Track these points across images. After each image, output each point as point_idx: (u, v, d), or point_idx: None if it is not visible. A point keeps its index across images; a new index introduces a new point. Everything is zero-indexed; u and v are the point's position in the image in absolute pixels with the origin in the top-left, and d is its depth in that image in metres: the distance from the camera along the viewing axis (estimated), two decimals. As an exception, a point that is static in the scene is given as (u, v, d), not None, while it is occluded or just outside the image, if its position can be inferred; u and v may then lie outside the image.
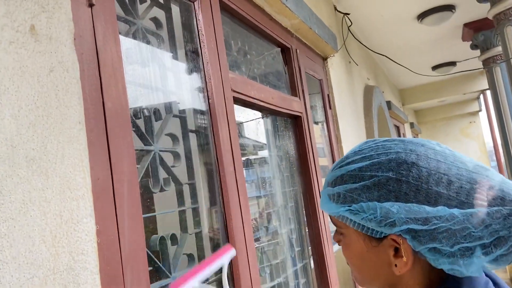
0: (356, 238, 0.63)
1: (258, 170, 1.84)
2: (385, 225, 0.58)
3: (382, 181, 0.58)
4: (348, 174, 0.61)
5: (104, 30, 0.87)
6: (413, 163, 0.58)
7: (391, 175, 0.58)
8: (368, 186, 0.59)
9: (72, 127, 0.72)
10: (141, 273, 0.83)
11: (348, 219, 0.62)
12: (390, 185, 0.58)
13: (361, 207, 0.60)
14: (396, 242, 0.59)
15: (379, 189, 0.58)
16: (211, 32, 1.35)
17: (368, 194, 0.59)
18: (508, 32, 3.10)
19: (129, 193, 0.83)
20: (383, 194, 0.58)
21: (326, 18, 2.79)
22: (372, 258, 0.63)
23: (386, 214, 0.57)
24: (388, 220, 0.57)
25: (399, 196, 0.57)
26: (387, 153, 0.60)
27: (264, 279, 1.64)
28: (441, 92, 6.95)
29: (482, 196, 0.56)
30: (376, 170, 0.59)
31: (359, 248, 0.64)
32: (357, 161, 0.62)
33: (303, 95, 2.13)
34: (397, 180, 0.58)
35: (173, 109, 1.20)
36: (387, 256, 0.60)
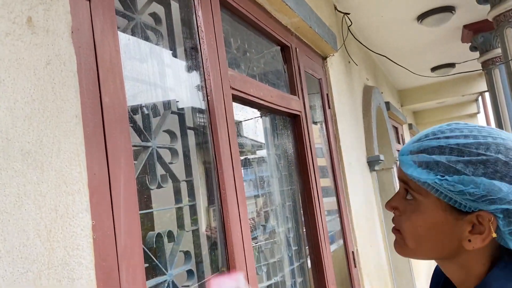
0: (435, 208, 0.65)
1: (256, 169, 1.83)
2: (483, 201, 0.61)
3: (490, 160, 0.61)
4: (449, 147, 0.64)
5: (102, 24, 0.86)
6: None
7: (500, 157, 0.61)
8: (474, 162, 0.62)
9: (68, 121, 0.71)
10: (137, 269, 0.82)
11: (435, 188, 0.64)
12: (498, 166, 0.61)
13: (462, 179, 0.61)
14: (478, 220, 0.62)
15: (486, 167, 0.61)
16: (211, 29, 1.34)
17: (473, 169, 0.61)
18: (508, 34, 3.10)
19: (125, 188, 0.83)
20: (488, 172, 0.61)
21: (326, 18, 2.78)
22: (444, 230, 0.65)
23: (490, 191, 0.60)
24: (490, 197, 0.60)
25: (504, 177, 0.61)
26: (493, 136, 0.64)
27: (261, 278, 1.64)
28: (440, 94, 6.96)
29: None
30: (484, 149, 0.62)
31: (435, 218, 0.65)
32: (458, 137, 0.64)
33: (302, 94, 2.13)
34: (505, 162, 0.61)
35: (172, 106, 1.19)
36: (462, 231, 0.63)
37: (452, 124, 0.68)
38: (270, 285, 1.65)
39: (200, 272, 1.17)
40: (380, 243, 3.20)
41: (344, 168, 2.61)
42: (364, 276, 2.52)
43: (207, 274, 1.18)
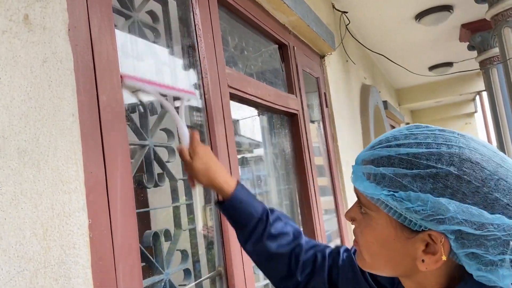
0: (386, 224, 0.59)
1: (254, 168, 1.83)
2: (431, 220, 0.54)
3: (440, 174, 0.53)
4: (398, 157, 0.56)
5: (99, 21, 0.85)
6: (477, 162, 0.54)
7: (452, 170, 0.53)
8: (422, 176, 0.54)
9: (65, 119, 0.71)
10: (134, 268, 0.82)
11: (383, 203, 0.58)
12: (449, 181, 0.53)
13: (409, 196, 0.55)
14: (431, 239, 0.55)
15: (435, 182, 0.53)
16: (208, 27, 1.34)
17: (421, 185, 0.54)
18: (506, 33, 3.10)
19: (122, 187, 0.82)
20: (437, 188, 0.53)
21: (324, 16, 2.78)
22: (396, 248, 0.59)
23: (437, 209, 0.53)
24: (438, 216, 0.53)
25: (455, 194, 0.53)
26: (448, 145, 0.55)
27: (258, 277, 1.64)
28: (438, 93, 6.97)
29: None
30: (435, 161, 0.54)
31: (386, 235, 0.59)
32: (410, 146, 0.57)
33: (300, 93, 2.13)
34: (457, 177, 0.53)
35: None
36: (415, 250, 0.57)
37: (411, 128, 0.60)
38: (267, 284, 1.65)
39: (197, 271, 1.17)
40: (377, 241, 3.21)
41: (342, 167, 2.61)
42: (361, 274, 2.53)
43: (204, 273, 1.18)
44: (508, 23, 3.07)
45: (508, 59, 3.08)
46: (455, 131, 0.59)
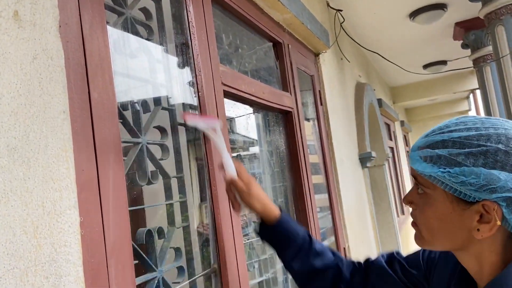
0: (443, 199, 0.67)
1: (248, 165, 1.83)
2: (484, 190, 0.62)
3: (490, 151, 0.63)
4: (452, 140, 0.66)
5: (91, 18, 0.85)
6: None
7: (500, 147, 0.63)
8: (474, 153, 0.63)
9: (56, 116, 0.70)
10: (126, 266, 0.81)
11: (440, 181, 0.66)
12: (498, 156, 0.62)
13: (463, 171, 0.63)
14: (484, 209, 0.63)
15: (486, 158, 0.62)
16: (202, 24, 1.33)
17: (473, 160, 0.63)
18: (499, 32, 3.12)
19: (114, 185, 0.82)
20: (488, 163, 0.62)
21: (319, 14, 2.78)
22: (453, 220, 0.66)
23: (489, 180, 0.62)
24: (491, 186, 0.62)
25: (504, 166, 0.62)
26: (495, 127, 0.65)
27: (253, 274, 1.64)
28: (432, 91, 7.00)
29: None
30: (485, 140, 0.63)
31: (444, 209, 0.67)
32: (461, 130, 0.66)
33: (294, 91, 2.13)
34: (506, 152, 0.62)
35: (162, 102, 1.18)
36: (471, 220, 0.65)
37: (460, 118, 0.69)
38: (262, 282, 1.65)
39: (191, 268, 1.17)
40: (371, 239, 3.22)
41: (336, 164, 2.62)
42: (356, 272, 2.54)
43: (198, 270, 1.18)
44: (501, 21, 3.09)
45: (501, 57, 3.10)
46: (500, 118, 0.69)
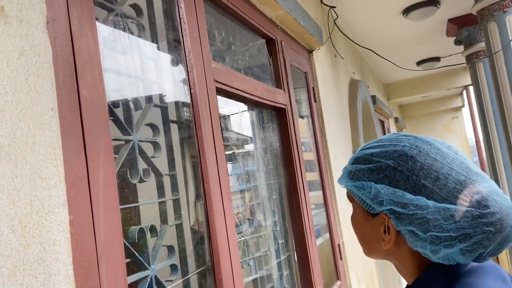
0: (359, 211, 0.75)
1: (242, 163, 1.82)
2: (376, 203, 0.69)
3: (382, 167, 0.69)
4: (362, 157, 0.73)
5: (79, 14, 0.84)
6: (412, 156, 0.67)
7: (390, 163, 0.68)
8: (372, 169, 0.70)
9: (44, 114, 0.69)
10: (118, 264, 0.81)
11: (354, 193, 0.74)
12: (388, 171, 0.68)
13: (362, 184, 0.71)
14: (384, 219, 0.69)
15: (379, 173, 0.69)
16: (194, 21, 1.32)
17: (370, 176, 0.70)
18: (491, 28, 3.13)
19: (105, 183, 0.81)
20: (380, 178, 0.69)
21: (312, 11, 2.77)
22: (368, 230, 0.74)
23: (377, 193, 0.68)
24: (378, 199, 0.68)
25: (392, 181, 0.67)
26: (396, 144, 0.70)
27: (248, 271, 1.64)
28: (425, 87, 7.03)
29: (462, 196, 0.63)
30: (382, 157, 0.70)
31: (360, 220, 0.75)
32: (373, 148, 0.73)
33: (288, 88, 2.12)
34: (394, 168, 0.68)
35: (154, 99, 1.17)
36: (379, 231, 0.71)
37: (387, 136, 0.75)
38: (256, 279, 1.65)
39: (184, 266, 1.16)
40: (366, 235, 3.23)
41: (330, 161, 2.62)
42: (350, 268, 2.55)
43: (191, 268, 1.18)
44: (494, 17, 3.10)
45: (494, 53, 3.11)
46: (413, 134, 0.73)
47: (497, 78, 3.10)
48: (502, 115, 3.11)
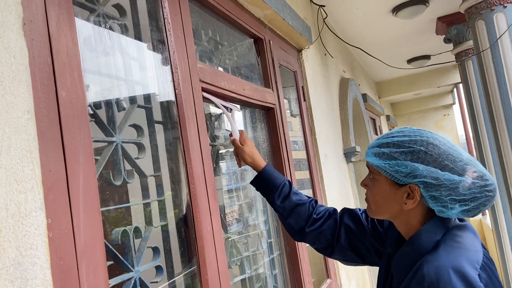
0: (384, 182, 0.97)
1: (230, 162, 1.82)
2: (409, 177, 0.93)
3: (415, 151, 0.93)
4: (392, 143, 0.96)
5: (57, 15, 0.83)
6: (437, 145, 0.93)
7: (422, 149, 0.93)
8: (405, 152, 0.94)
9: (19, 117, 0.68)
10: (99, 267, 0.80)
11: (383, 169, 0.96)
12: (420, 154, 0.93)
13: (398, 163, 0.94)
14: (410, 189, 0.93)
15: (412, 155, 0.93)
16: (178, 21, 1.31)
17: (404, 156, 0.93)
18: (479, 26, 3.15)
19: (85, 185, 0.81)
20: (414, 158, 0.93)
21: (301, 10, 2.77)
22: (391, 197, 0.97)
23: (413, 170, 0.92)
24: (413, 173, 0.92)
25: (423, 161, 0.92)
26: (421, 135, 0.95)
27: (236, 271, 1.64)
28: (416, 85, 7.07)
29: (470, 173, 0.91)
30: (413, 143, 0.94)
31: (385, 189, 0.98)
32: (399, 136, 0.96)
33: (277, 87, 2.12)
34: (425, 152, 0.93)
35: (138, 100, 1.17)
36: (402, 197, 0.95)
37: (401, 128, 1.00)
38: (245, 278, 1.65)
39: (169, 267, 1.16)
40: (357, 233, 3.24)
41: (320, 160, 2.63)
42: (340, 265, 2.56)
43: (177, 269, 1.17)
44: (481, 15, 3.12)
45: (481, 51, 3.13)
46: (430, 131, 0.97)
47: (485, 76, 3.13)
48: (490, 112, 3.13)
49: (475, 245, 0.90)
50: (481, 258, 0.86)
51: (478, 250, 0.89)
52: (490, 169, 4.15)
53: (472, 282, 0.80)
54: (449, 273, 0.81)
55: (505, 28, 3.01)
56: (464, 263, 0.83)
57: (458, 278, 0.80)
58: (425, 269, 0.84)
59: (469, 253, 0.86)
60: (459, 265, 0.82)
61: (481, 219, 6.86)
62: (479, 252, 0.88)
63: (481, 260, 0.86)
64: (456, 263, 0.83)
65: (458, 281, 0.80)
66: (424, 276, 0.83)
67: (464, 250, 0.87)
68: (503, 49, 3.02)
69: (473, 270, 0.82)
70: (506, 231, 4.04)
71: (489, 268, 0.86)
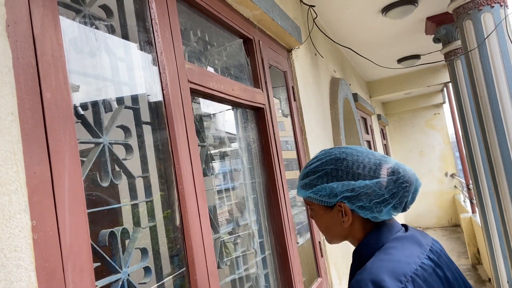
0: (319, 209, 1.02)
1: (220, 163, 1.82)
2: (332, 196, 0.97)
3: (328, 171, 0.98)
4: (311, 170, 1.01)
5: (42, 16, 0.83)
6: (344, 158, 0.99)
7: (332, 167, 0.98)
8: (320, 175, 0.99)
9: (3, 118, 0.68)
10: (85, 269, 0.80)
11: (313, 198, 1.01)
12: (332, 173, 0.98)
13: (318, 188, 0.99)
14: (340, 207, 0.98)
15: (327, 176, 0.98)
16: (166, 22, 1.31)
17: (321, 180, 0.99)
18: (467, 26, 3.19)
19: (70, 186, 0.80)
20: (329, 179, 0.98)
21: (291, 10, 2.78)
22: (330, 221, 1.01)
23: (331, 190, 0.97)
24: (333, 193, 0.97)
25: (337, 178, 0.97)
26: (329, 155, 1.01)
27: (227, 271, 1.64)
28: (407, 85, 7.13)
29: (382, 171, 0.96)
30: (324, 165, 0.99)
31: (321, 215, 1.02)
32: (315, 163, 1.02)
33: (266, 87, 2.13)
34: (336, 169, 0.98)
35: (125, 101, 1.16)
36: (338, 217, 1.00)
37: (317, 154, 1.04)
38: (235, 278, 1.65)
39: (158, 268, 1.16)
40: (348, 232, 3.26)
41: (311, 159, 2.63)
42: (331, 265, 2.57)
43: (166, 270, 1.17)
44: (469, 15, 3.15)
45: (469, 50, 3.17)
46: (339, 146, 1.08)
47: (473, 75, 3.16)
48: (478, 111, 3.17)
49: (410, 256, 0.89)
50: (411, 270, 0.86)
51: (411, 262, 0.88)
52: (479, 167, 4.19)
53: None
54: (367, 285, 0.82)
55: (493, 28, 3.05)
56: (385, 275, 0.83)
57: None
58: (352, 281, 0.87)
59: (396, 265, 0.86)
60: (378, 278, 0.83)
61: (471, 217, 6.93)
62: (411, 264, 0.87)
63: (410, 272, 0.85)
64: (375, 276, 0.83)
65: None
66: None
67: (391, 262, 0.87)
68: (491, 49, 3.06)
69: (394, 283, 0.82)
70: (495, 228, 4.09)
71: (423, 279, 0.86)
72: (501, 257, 4.09)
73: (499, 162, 3.04)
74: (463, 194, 8.58)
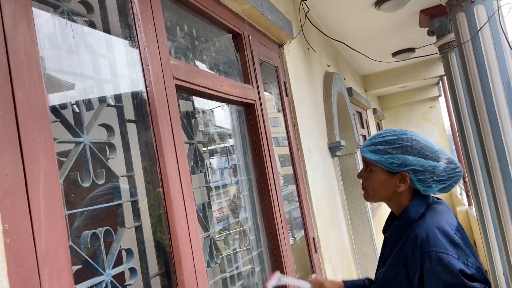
0: (381, 172, 1.26)
1: (210, 160, 1.80)
2: (401, 166, 1.22)
3: (404, 146, 1.23)
4: (384, 141, 1.26)
5: (13, 12, 0.80)
6: (418, 140, 1.25)
7: (408, 144, 1.23)
8: (396, 147, 1.24)
9: (-30, 119, 0.66)
10: (62, 272, 0.78)
11: (379, 162, 1.24)
12: (408, 148, 1.23)
13: (391, 156, 1.23)
14: (402, 176, 1.24)
15: (402, 149, 1.23)
16: (149, 17, 1.29)
17: (396, 151, 1.23)
18: (460, 18, 3.17)
19: (46, 188, 0.78)
20: (403, 152, 1.22)
21: (282, 4, 2.75)
22: (386, 183, 1.26)
23: (404, 160, 1.22)
24: (404, 163, 1.22)
25: (411, 153, 1.22)
26: (405, 134, 1.26)
27: (217, 269, 1.62)
28: (402, 78, 7.10)
29: (443, 159, 1.23)
30: (401, 140, 1.24)
31: (381, 177, 1.26)
32: (389, 136, 1.26)
33: (257, 83, 2.10)
34: (411, 146, 1.23)
35: (107, 99, 1.14)
36: (395, 183, 1.25)
37: (388, 129, 1.29)
38: (226, 277, 1.64)
39: (144, 269, 1.14)
40: (343, 227, 3.25)
41: (303, 155, 2.62)
42: (326, 260, 2.56)
43: (152, 270, 1.15)
44: (462, 7, 3.13)
45: (462, 43, 3.15)
46: (405, 130, 1.28)
47: (466, 68, 3.14)
48: (472, 104, 3.15)
49: (450, 215, 1.21)
50: (455, 222, 1.18)
51: (453, 216, 1.21)
52: (474, 160, 4.19)
53: (451, 237, 1.11)
54: (434, 231, 1.12)
55: (486, 20, 3.03)
56: (444, 224, 1.14)
57: (442, 234, 1.11)
58: (416, 230, 1.14)
59: (447, 218, 1.18)
60: (441, 225, 1.13)
61: (468, 210, 6.94)
62: (454, 218, 1.20)
63: (455, 223, 1.18)
64: (439, 223, 1.14)
65: (441, 236, 1.10)
66: (417, 235, 1.13)
67: (443, 216, 1.18)
68: (484, 41, 3.04)
69: (449, 228, 1.13)
70: (490, 220, 4.09)
71: (461, 230, 1.17)
72: (497, 249, 4.10)
73: (493, 154, 3.02)
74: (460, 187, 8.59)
